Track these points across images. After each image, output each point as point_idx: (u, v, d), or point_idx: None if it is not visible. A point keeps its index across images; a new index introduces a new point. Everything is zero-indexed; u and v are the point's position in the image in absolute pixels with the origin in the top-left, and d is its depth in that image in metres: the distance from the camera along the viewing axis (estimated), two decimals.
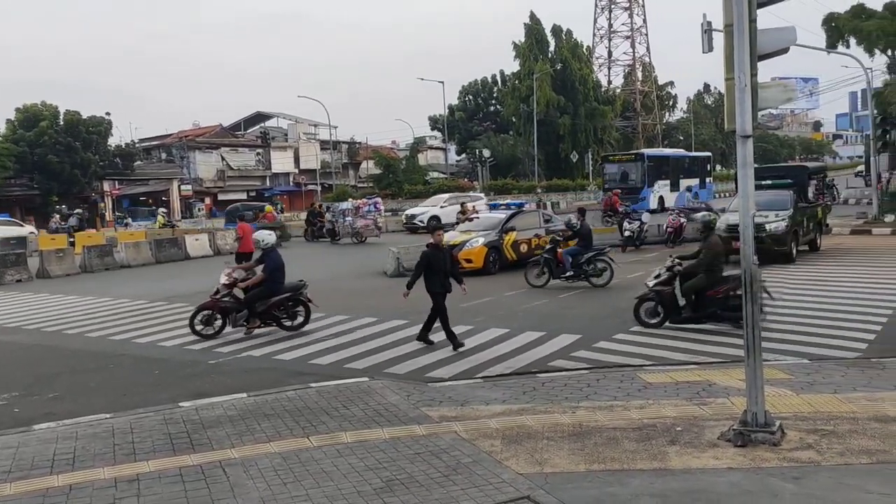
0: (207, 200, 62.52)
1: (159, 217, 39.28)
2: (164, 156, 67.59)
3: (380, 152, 68.86)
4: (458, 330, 12.44)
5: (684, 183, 45.02)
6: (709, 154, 57.02)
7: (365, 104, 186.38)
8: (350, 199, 39.19)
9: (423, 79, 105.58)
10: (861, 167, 78.98)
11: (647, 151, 46.53)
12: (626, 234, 24.11)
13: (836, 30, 51.19)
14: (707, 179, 49.32)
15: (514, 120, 73.61)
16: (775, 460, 6.06)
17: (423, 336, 11.54)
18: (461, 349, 10.96)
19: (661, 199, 41.42)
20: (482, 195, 45.23)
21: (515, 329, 12.32)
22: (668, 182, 43.48)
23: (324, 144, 72.18)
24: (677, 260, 12.29)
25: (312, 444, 6.90)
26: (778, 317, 12.14)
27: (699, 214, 15.47)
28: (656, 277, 12.10)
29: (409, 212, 39.76)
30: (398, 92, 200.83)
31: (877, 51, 50.90)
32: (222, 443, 7.01)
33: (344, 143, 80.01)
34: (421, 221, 36.95)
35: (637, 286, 16.56)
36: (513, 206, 22.58)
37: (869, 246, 22.74)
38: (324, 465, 6.36)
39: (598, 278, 16.62)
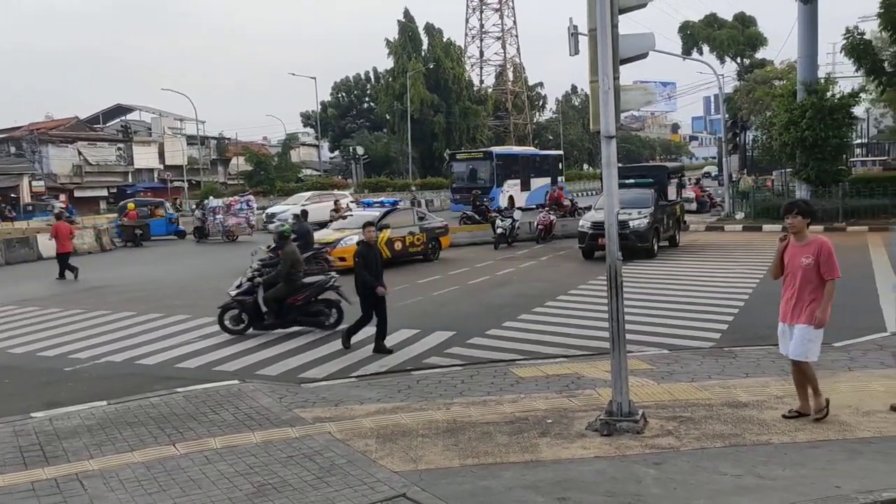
0: (63, 197, 58.94)
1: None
2: (13, 150, 63.25)
3: (250, 149, 67.11)
4: (330, 329, 12.33)
5: (535, 182, 44.44)
6: (560, 153, 56.54)
7: (235, 99, 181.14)
8: (211, 197, 37.92)
9: (294, 74, 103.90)
10: (707, 169, 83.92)
11: (496, 150, 45.26)
12: (499, 231, 24.57)
13: (692, 37, 54.34)
14: (559, 178, 48.60)
15: (388, 118, 73.57)
16: (638, 448, 6.33)
17: (380, 348, 10.75)
18: (347, 352, 10.79)
19: (510, 198, 40.52)
20: (346, 193, 43.83)
21: (391, 327, 12.28)
22: (518, 181, 42.63)
23: (191, 139, 69.66)
24: (257, 272, 12.49)
25: (179, 452, 6.64)
26: (641, 309, 12.69)
27: (272, 225, 15.73)
28: (238, 287, 12.38)
29: (270, 210, 37.47)
30: (269, 87, 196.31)
31: (727, 58, 54.41)
32: (80, 454, 6.63)
33: (212, 138, 77.51)
34: (282, 220, 35.67)
35: (509, 282, 16.98)
36: (387, 204, 22.48)
37: (722, 242, 24.19)
38: (191, 472, 6.13)
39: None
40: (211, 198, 37.11)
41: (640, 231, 19.60)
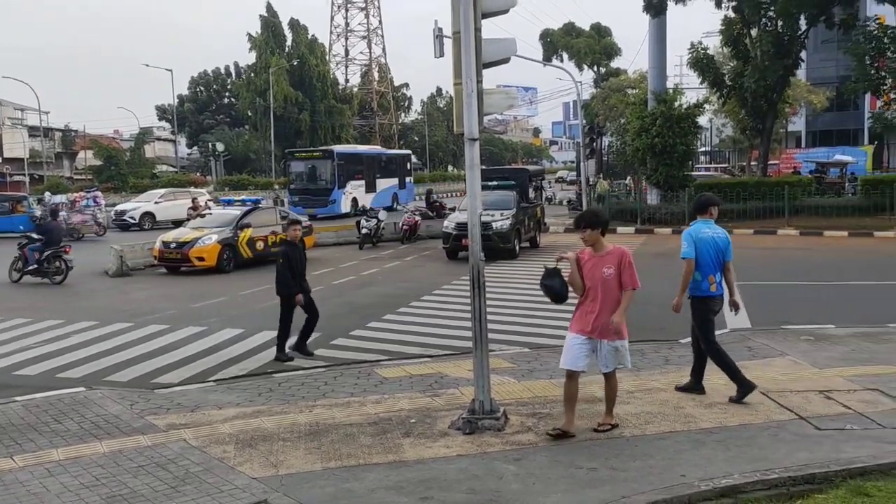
0: None
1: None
2: None
3: (100, 142, 63.50)
4: (188, 332, 11.90)
5: (382, 183, 42.69)
6: (408, 152, 54.64)
7: (84, 89, 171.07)
8: (48, 193, 35.45)
9: (149, 65, 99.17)
10: (560, 173, 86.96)
11: (338, 148, 42.52)
12: (364, 231, 24.47)
13: (552, 44, 56.16)
14: (407, 179, 47.05)
15: (249, 114, 71.74)
16: (499, 445, 6.45)
17: (301, 348, 10.32)
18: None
19: (354, 200, 38.43)
20: (205, 191, 41.80)
21: (251, 329, 11.99)
22: (362, 182, 40.51)
23: (33, 131, 65.22)
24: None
25: (17, 465, 6.18)
26: (503, 309, 12.97)
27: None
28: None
29: (119, 207, 35.61)
30: (121, 78, 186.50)
31: (585, 66, 56.58)
32: None
33: (57, 130, 72.93)
34: (132, 218, 33.62)
35: (374, 282, 16.94)
36: (248, 203, 21.87)
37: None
38: (31, 486, 5.72)
39: (57, 276, 17.72)
40: (48, 193, 34.67)
41: (503, 232, 20.04)
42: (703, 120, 39.14)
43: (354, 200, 38.40)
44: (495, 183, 22.16)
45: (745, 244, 22.58)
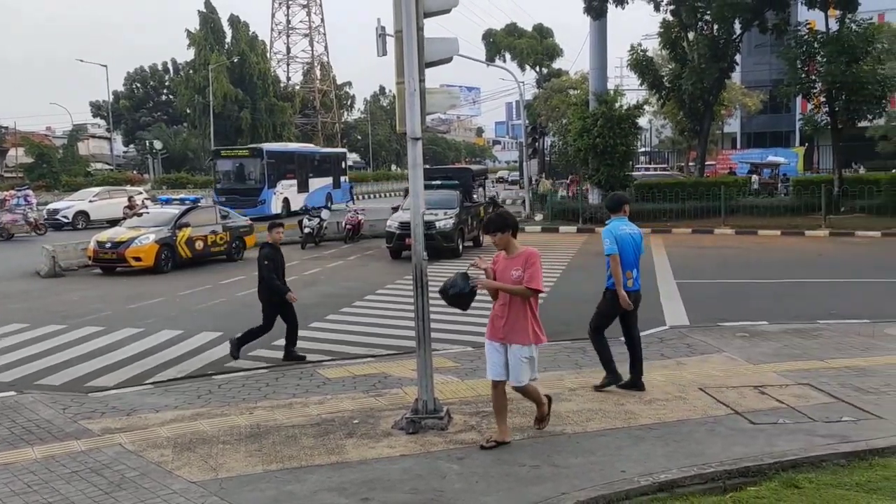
0: None
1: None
2: None
3: (31, 139, 61.51)
4: (125, 333, 11.63)
5: (315, 183, 40.98)
6: (343, 151, 52.31)
7: (13, 86, 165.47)
8: None
9: (82, 60, 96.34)
10: (501, 173, 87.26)
11: (267, 146, 40.73)
12: (306, 231, 24.23)
13: (495, 45, 56.51)
14: (342, 178, 45.16)
15: (188, 111, 70.43)
16: (443, 444, 6.46)
17: (293, 355, 9.95)
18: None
19: (286, 201, 37.12)
20: (141, 189, 40.45)
21: (190, 330, 11.76)
22: (294, 182, 38.75)
23: None
24: None
25: None
26: (446, 308, 12.94)
27: None
28: None
29: (52, 206, 34.12)
30: (54, 75, 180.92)
31: (528, 66, 57.10)
32: None
33: None
34: (65, 217, 32.36)
35: (317, 282, 16.78)
36: (187, 202, 21.43)
37: (522, 242, 25.23)
38: None
39: None
40: None
41: (446, 231, 20.08)
42: (643, 121, 39.89)
43: (286, 201, 37.11)
44: (438, 182, 22.19)
45: (684, 243, 23.10)
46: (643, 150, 67.65)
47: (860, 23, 27.03)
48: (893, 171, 33.98)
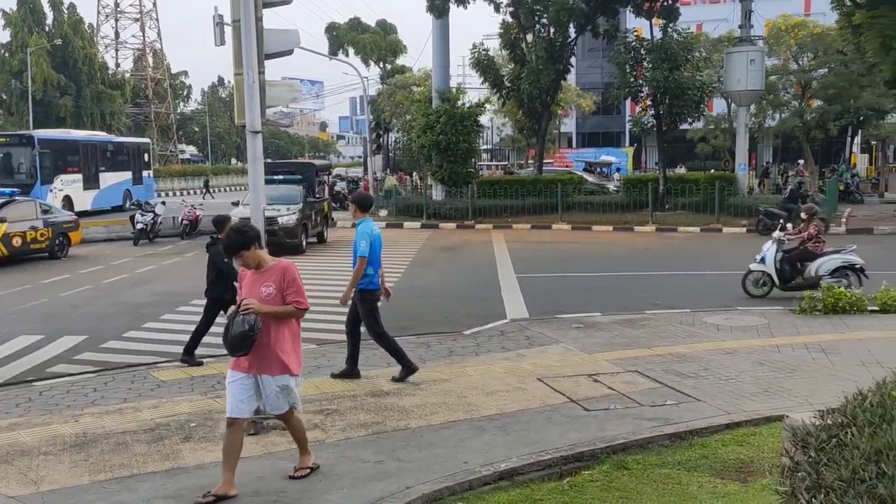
0: None
1: None
2: None
3: None
4: None
5: (108, 178, 34.86)
6: (146, 140, 44.76)
7: None
8: None
9: None
10: (338, 170, 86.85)
11: (40, 133, 33.36)
12: (139, 226, 23.00)
13: (338, 39, 55.97)
14: (145, 173, 38.74)
15: (4, 97, 65.03)
16: (285, 444, 6.32)
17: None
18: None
19: (67, 199, 30.32)
20: None
21: (6, 334, 10.88)
22: (79, 176, 32.57)
23: None
24: None
25: None
26: None
27: None
28: None
29: None
30: None
31: (372, 62, 56.97)
32: None
33: None
34: None
35: (151, 280, 15.98)
36: (4, 195, 19.75)
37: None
38: None
39: None
40: None
41: (289, 227, 19.73)
42: (484, 119, 40.76)
43: (67, 199, 30.38)
44: (281, 177, 21.78)
45: (524, 238, 23.89)
46: (485, 147, 69.31)
47: (681, 32, 28.95)
48: (711, 171, 36.74)
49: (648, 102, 29.19)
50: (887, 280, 11.97)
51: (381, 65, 57.64)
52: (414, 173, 43.84)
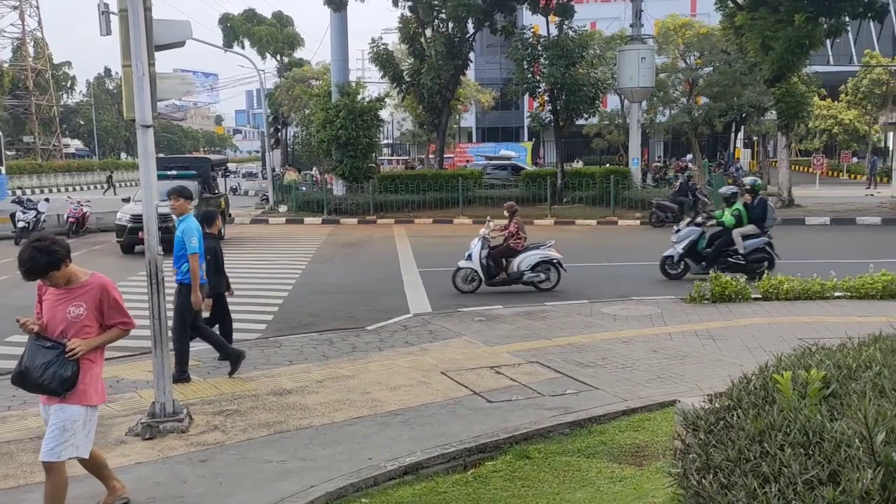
0: None
1: None
2: None
3: None
4: None
5: None
6: None
7: None
8: None
9: None
10: (231, 165, 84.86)
11: None
12: (20, 224, 21.84)
13: (232, 30, 54.58)
14: None
15: None
16: (183, 447, 6.15)
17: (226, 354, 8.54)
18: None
19: None
20: None
21: None
22: None
23: None
24: None
25: None
26: None
27: None
28: None
29: None
30: None
31: (268, 54, 55.85)
32: None
33: None
34: None
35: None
36: None
37: (267, 234, 24.82)
38: None
39: None
40: None
41: None
42: (384, 114, 40.67)
43: None
44: (175, 172, 21.10)
45: (426, 233, 23.98)
46: (386, 142, 69.15)
47: (576, 30, 29.65)
48: (607, 165, 37.80)
49: (546, 98, 29.76)
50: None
51: (279, 58, 56.60)
52: (314, 168, 43.29)
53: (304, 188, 33.16)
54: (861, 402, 3.03)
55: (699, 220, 14.69)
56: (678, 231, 14.42)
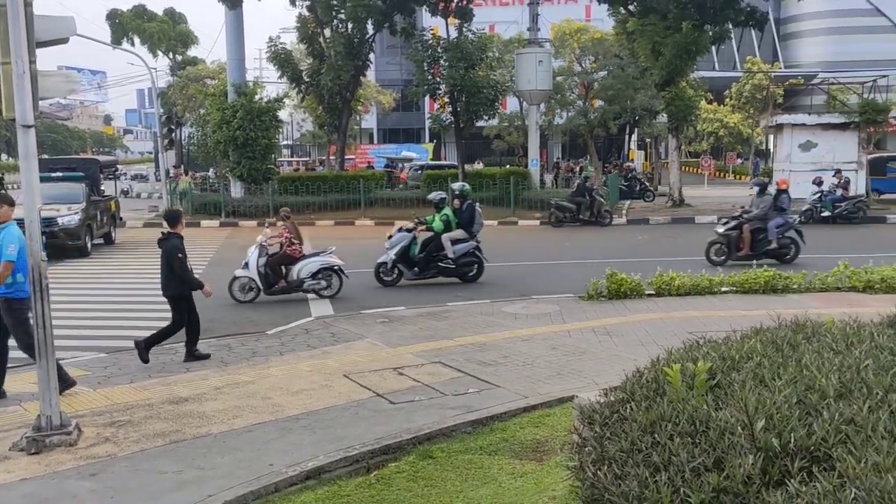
0: None
1: None
2: None
3: None
4: None
5: None
6: None
7: None
8: None
9: None
10: (121, 166, 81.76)
11: None
12: None
13: (121, 26, 52.58)
14: None
15: None
16: (72, 461, 5.89)
17: (193, 353, 8.97)
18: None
19: None
20: None
21: None
22: None
23: None
24: None
25: None
26: (74, 313, 11.85)
27: None
28: None
29: None
30: None
31: (160, 52, 54.10)
32: None
33: None
34: None
35: None
36: None
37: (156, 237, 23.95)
38: None
39: None
40: None
41: (71, 228, 18.28)
42: (284, 114, 40.06)
43: None
44: (60, 174, 20.19)
45: (328, 236, 23.67)
46: (285, 143, 68.09)
47: (476, 32, 30.00)
48: (507, 166, 38.38)
49: (446, 100, 29.99)
50: (662, 265, 13.11)
51: (171, 56, 54.88)
52: (211, 170, 42.19)
53: (197, 192, 32.24)
54: (742, 391, 3.19)
55: (409, 225, 14.77)
56: (391, 237, 14.36)
